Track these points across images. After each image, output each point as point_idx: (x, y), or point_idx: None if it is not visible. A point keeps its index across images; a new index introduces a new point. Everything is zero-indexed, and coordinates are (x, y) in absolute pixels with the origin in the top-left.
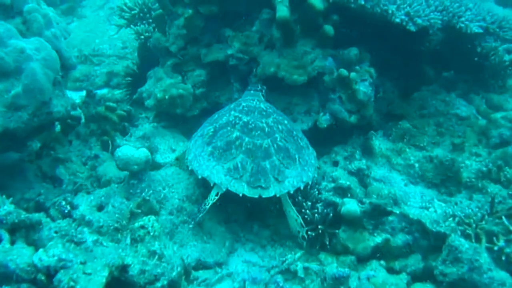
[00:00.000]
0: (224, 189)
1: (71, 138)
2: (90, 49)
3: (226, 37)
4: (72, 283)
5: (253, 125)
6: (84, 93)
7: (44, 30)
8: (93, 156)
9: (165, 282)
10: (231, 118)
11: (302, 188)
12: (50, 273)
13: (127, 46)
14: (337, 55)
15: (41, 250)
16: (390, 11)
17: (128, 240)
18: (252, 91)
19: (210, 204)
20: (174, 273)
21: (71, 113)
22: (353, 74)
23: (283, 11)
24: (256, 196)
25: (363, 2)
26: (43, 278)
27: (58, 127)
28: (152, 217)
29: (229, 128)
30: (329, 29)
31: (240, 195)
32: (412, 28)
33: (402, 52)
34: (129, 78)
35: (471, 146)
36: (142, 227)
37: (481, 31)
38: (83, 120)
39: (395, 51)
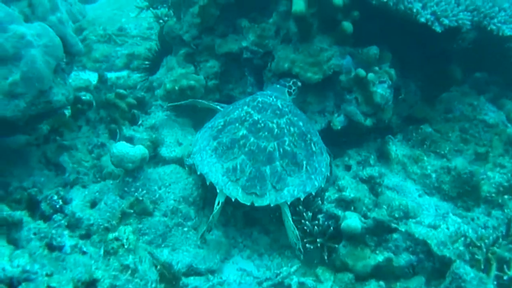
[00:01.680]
0: (222, 193)
1: (81, 123)
2: (116, 28)
3: (242, 28)
4: None
5: (262, 124)
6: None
7: (49, 15)
8: (99, 145)
9: None
10: (242, 114)
11: (302, 198)
12: (13, 284)
13: (152, 27)
14: (356, 54)
15: (6, 258)
16: (414, 10)
17: (102, 252)
18: (278, 86)
19: (216, 218)
20: None
21: (82, 98)
22: (371, 75)
23: (299, 4)
24: (248, 204)
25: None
26: None
27: (69, 111)
28: (128, 228)
29: (237, 124)
30: (348, 25)
31: (233, 199)
32: (438, 29)
33: (428, 51)
34: (147, 62)
35: (496, 156)
36: (117, 238)
37: None
38: (94, 105)
39: (421, 50)
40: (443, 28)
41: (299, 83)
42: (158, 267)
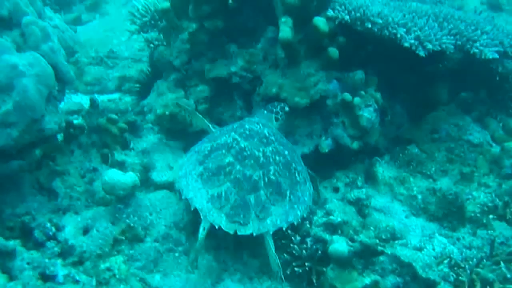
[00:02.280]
0: (206, 220)
1: (73, 147)
2: (107, 50)
3: (231, 53)
4: None
5: (248, 152)
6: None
7: (41, 44)
8: (92, 169)
9: None
10: (229, 140)
11: (284, 228)
12: None
13: (144, 49)
14: (342, 78)
15: None
16: (398, 35)
17: (94, 282)
18: (265, 112)
19: (202, 244)
20: None
21: (74, 122)
22: (357, 99)
23: (286, 32)
24: (231, 232)
25: (370, 25)
26: None
27: (61, 136)
28: (120, 258)
29: (224, 151)
30: (333, 51)
31: (217, 227)
32: (422, 53)
33: (414, 73)
34: (138, 86)
35: (481, 176)
36: (108, 269)
37: (497, 56)
38: (86, 129)
39: (407, 73)
40: (427, 52)
41: (287, 109)
42: None
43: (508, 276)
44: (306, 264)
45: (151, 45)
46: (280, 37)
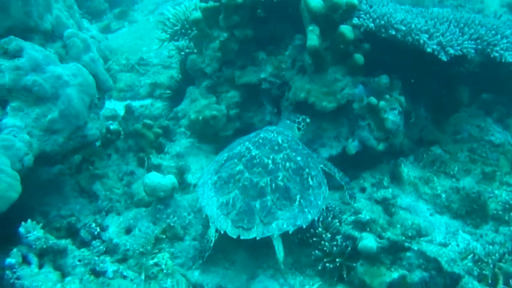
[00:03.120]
0: (214, 225)
1: (110, 152)
2: (137, 57)
3: (260, 60)
4: None
5: (258, 160)
6: (128, 102)
7: (82, 55)
8: (129, 172)
9: None
10: (242, 150)
11: (291, 232)
12: None
13: (172, 55)
14: (368, 83)
15: (59, 284)
16: (422, 41)
17: (143, 276)
18: (288, 122)
19: (213, 242)
20: None
21: (110, 128)
22: (382, 103)
23: (313, 40)
24: (235, 237)
25: (394, 32)
26: None
27: (99, 141)
28: (166, 255)
29: (236, 160)
30: (359, 57)
31: (222, 232)
32: (444, 58)
33: (436, 76)
34: (170, 92)
35: (502, 175)
36: (156, 264)
37: None
38: (122, 135)
39: (429, 76)
40: (449, 57)
41: (308, 120)
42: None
43: None
44: (337, 260)
45: (182, 53)
46: (308, 45)
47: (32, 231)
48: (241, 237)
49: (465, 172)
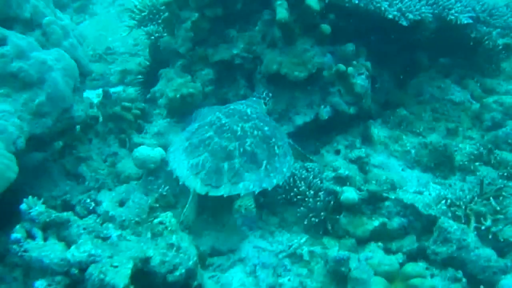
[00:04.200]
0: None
1: (91, 136)
2: (104, 47)
3: (231, 37)
4: (102, 276)
5: (227, 127)
6: (100, 91)
7: (62, 41)
8: (112, 154)
9: (183, 271)
10: (213, 119)
11: (256, 192)
12: (82, 267)
13: (138, 43)
14: (335, 51)
15: (73, 247)
16: (383, 8)
17: (149, 235)
18: (254, 98)
19: (192, 203)
20: (190, 262)
21: (89, 113)
22: (350, 69)
23: (282, 13)
24: (203, 193)
25: (357, 1)
26: (76, 271)
27: (78, 127)
28: (169, 213)
29: (207, 127)
30: (326, 28)
31: (191, 190)
32: (404, 23)
33: (397, 43)
34: (141, 77)
35: (465, 130)
36: (161, 222)
37: (471, 21)
38: (101, 119)
39: (391, 43)
40: (409, 22)
41: (271, 94)
42: None
43: (498, 208)
44: (322, 214)
45: (152, 37)
46: (278, 18)
47: (34, 206)
48: (209, 194)
49: (430, 130)
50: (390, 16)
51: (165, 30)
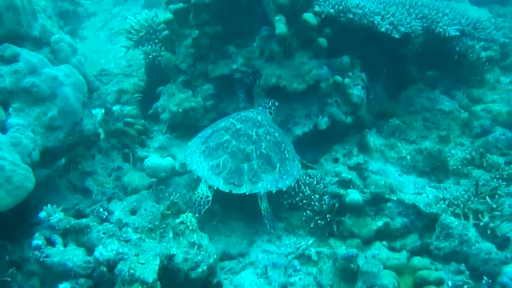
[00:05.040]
0: (206, 184)
1: (93, 152)
2: (97, 69)
3: (230, 53)
4: (132, 271)
5: (243, 132)
6: (98, 110)
7: (70, 58)
8: (116, 168)
9: (205, 267)
10: (227, 124)
11: (274, 191)
12: (110, 265)
13: (131, 64)
14: (331, 64)
15: (100, 246)
16: (376, 22)
17: (171, 234)
18: (260, 108)
19: (210, 196)
20: (211, 260)
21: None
22: (346, 80)
23: (281, 28)
24: (227, 191)
25: (351, 16)
26: (104, 269)
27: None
28: (190, 214)
29: (222, 132)
30: (322, 41)
31: (215, 188)
32: (397, 36)
33: (389, 56)
34: (139, 95)
35: (455, 137)
36: (182, 222)
37: (458, 33)
38: (102, 136)
39: (383, 56)
40: (401, 35)
41: (276, 103)
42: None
43: (494, 206)
44: (327, 216)
45: (150, 56)
46: (277, 33)
47: (54, 214)
48: (233, 192)
49: (422, 138)
50: (383, 29)
51: (163, 48)
